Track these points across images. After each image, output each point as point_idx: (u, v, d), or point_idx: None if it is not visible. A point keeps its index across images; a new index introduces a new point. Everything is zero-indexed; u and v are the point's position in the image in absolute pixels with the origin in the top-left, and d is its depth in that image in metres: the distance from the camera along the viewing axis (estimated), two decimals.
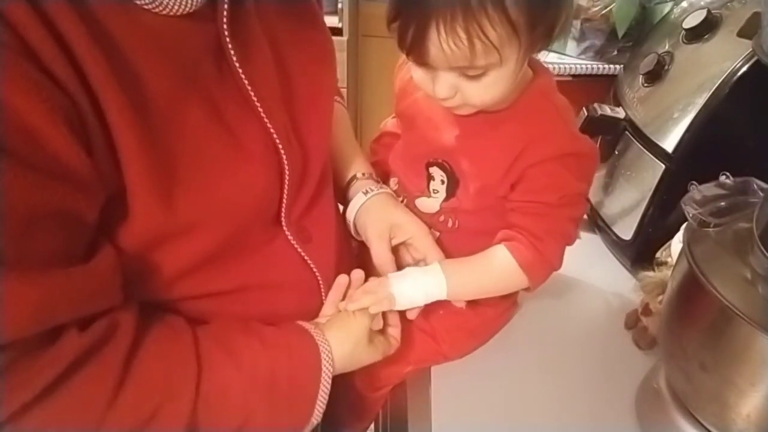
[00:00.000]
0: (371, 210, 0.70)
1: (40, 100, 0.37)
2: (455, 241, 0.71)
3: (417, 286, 0.65)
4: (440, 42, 0.52)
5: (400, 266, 0.70)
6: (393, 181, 0.78)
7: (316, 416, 0.56)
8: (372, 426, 0.86)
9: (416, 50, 0.55)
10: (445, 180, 0.69)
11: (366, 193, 0.71)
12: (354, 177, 0.73)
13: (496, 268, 0.66)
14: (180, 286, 0.51)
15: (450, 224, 0.71)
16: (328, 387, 0.56)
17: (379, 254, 0.68)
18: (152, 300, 0.51)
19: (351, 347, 0.60)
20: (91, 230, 0.43)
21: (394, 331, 0.67)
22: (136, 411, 0.45)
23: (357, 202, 0.71)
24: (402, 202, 0.74)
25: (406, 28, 0.54)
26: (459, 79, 0.57)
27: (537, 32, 0.55)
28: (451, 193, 0.69)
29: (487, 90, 0.57)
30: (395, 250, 0.70)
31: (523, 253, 0.65)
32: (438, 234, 0.72)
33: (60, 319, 0.41)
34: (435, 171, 0.70)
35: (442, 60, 0.54)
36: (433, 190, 0.71)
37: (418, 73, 0.59)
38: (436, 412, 0.68)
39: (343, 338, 0.60)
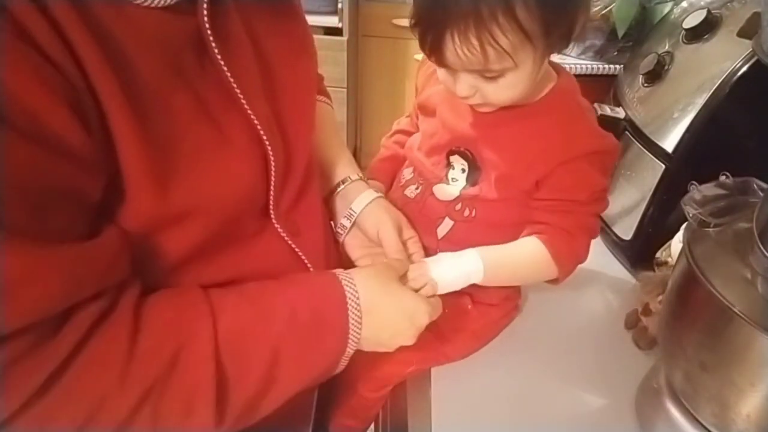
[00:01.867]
0: (383, 207, 0.72)
1: (40, 81, 0.37)
2: (469, 231, 0.72)
3: (455, 269, 0.66)
4: (455, 48, 0.55)
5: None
6: (408, 171, 0.79)
7: (351, 347, 0.55)
8: (372, 426, 0.86)
9: (435, 54, 0.58)
10: (466, 168, 0.71)
11: (377, 192, 0.73)
12: (352, 177, 0.74)
13: (530, 257, 0.68)
14: (174, 276, 0.52)
15: (466, 213, 0.72)
16: (359, 316, 0.55)
17: (394, 245, 0.69)
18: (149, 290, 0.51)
19: (379, 282, 0.59)
20: (94, 211, 0.44)
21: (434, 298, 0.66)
22: (157, 357, 0.45)
23: (368, 196, 0.72)
24: (418, 189, 0.75)
25: (425, 35, 0.57)
26: (478, 80, 0.60)
27: (552, 37, 0.57)
28: (472, 181, 0.71)
29: (505, 90, 0.60)
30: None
31: (556, 246, 0.67)
32: (453, 223, 0.72)
33: (86, 291, 0.42)
34: (456, 160, 0.71)
35: (458, 64, 0.58)
36: (452, 178, 0.72)
37: (441, 73, 0.63)
38: (436, 412, 0.68)
39: (369, 271, 0.60)
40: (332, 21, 2.08)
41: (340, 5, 2.07)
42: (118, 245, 0.45)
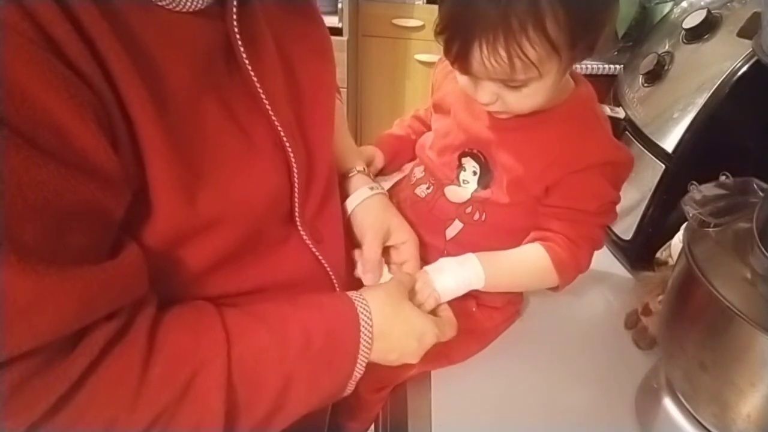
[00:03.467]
0: (372, 208, 0.71)
1: (68, 96, 0.36)
2: (478, 234, 0.72)
3: (457, 277, 0.66)
4: (482, 58, 0.55)
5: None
6: (419, 170, 0.78)
7: (358, 370, 0.55)
8: (372, 427, 0.86)
9: (460, 63, 0.58)
10: (478, 171, 0.70)
11: (371, 189, 0.72)
12: (353, 170, 0.74)
13: (531, 264, 0.68)
14: (199, 286, 0.51)
15: (476, 217, 0.71)
16: (370, 343, 0.55)
17: (372, 252, 0.68)
18: (172, 300, 0.50)
19: (393, 305, 0.59)
20: (116, 229, 0.43)
21: (446, 312, 0.66)
22: (170, 384, 0.44)
23: (360, 195, 0.71)
24: (429, 189, 0.75)
25: (452, 43, 0.57)
26: (500, 88, 0.60)
27: (578, 49, 0.57)
28: (483, 184, 0.70)
29: (526, 99, 0.60)
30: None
31: (558, 254, 0.67)
32: (462, 225, 0.72)
33: (100, 313, 0.41)
34: (468, 162, 0.71)
35: (483, 73, 0.57)
36: (463, 180, 0.72)
37: (462, 79, 0.62)
38: (436, 413, 0.68)
39: (381, 295, 0.59)
40: (332, 21, 2.08)
41: (340, 5, 2.07)
42: (137, 265, 0.44)
